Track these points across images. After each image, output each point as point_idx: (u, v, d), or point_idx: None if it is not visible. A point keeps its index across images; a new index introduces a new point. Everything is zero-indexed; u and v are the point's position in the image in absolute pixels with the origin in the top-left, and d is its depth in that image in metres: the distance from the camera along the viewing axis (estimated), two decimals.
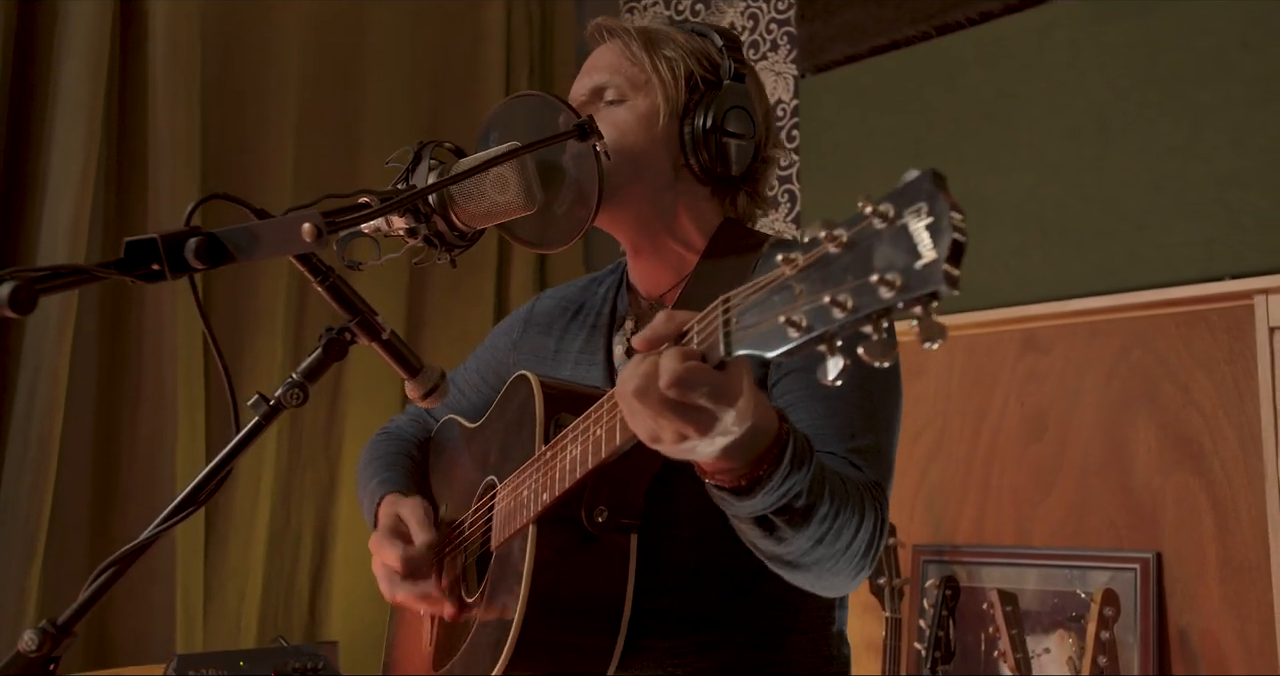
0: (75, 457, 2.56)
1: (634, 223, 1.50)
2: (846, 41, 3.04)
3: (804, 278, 0.84)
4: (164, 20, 2.69)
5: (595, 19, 1.55)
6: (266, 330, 2.84)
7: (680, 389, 0.94)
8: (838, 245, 0.82)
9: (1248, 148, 2.36)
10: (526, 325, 1.68)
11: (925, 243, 0.76)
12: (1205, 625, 2.31)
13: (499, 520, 1.38)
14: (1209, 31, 2.43)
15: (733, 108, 1.46)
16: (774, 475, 1.07)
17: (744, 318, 0.90)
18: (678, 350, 0.96)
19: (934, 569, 2.63)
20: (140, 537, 1.08)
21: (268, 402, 1.11)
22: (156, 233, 0.99)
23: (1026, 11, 2.73)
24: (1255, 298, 2.29)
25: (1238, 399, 2.32)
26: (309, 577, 2.93)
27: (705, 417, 0.97)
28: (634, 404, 0.98)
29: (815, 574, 1.22)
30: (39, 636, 1.06)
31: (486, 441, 1.53)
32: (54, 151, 2.53)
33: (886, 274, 0.78)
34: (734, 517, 1.16)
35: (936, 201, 0.76)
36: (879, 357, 0.80)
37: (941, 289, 0.75)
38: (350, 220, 1.09)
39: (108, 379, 2.66)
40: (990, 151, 2.75)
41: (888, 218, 0.79)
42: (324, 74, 3.11)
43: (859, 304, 0.80)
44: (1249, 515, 2.28)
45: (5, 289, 0.90)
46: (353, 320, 1.14)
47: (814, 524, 1.13)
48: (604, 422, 1.14)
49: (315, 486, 2.95)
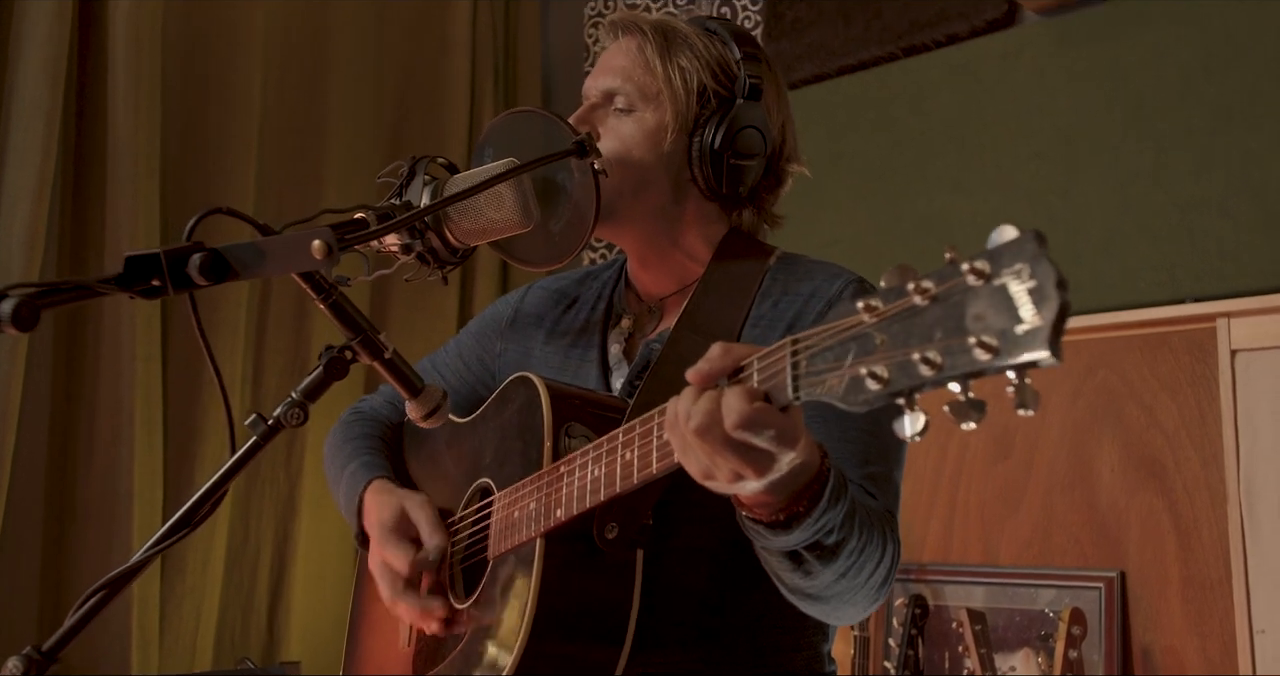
0: (28, 474, 2.49)
1: (638, 235, 1.48)
2: (814, 61, 3.05)
3: (886, 328, 0.81)
4: (125, 26, 2.63)
5: (614, 13, 1.52)
6: (228, 345, 2.78)
7: (747, 431, 0.93)
8: (925, 298, 0.79)
9: (1210, 174, 2.41)
10: (518, 314, 1.63)
11: (1027, 307, 0.73)
12: (1168, 643, 2.34)
13: (498, 529, 1.35)
14: (1173, 59, 2.48)
15: (745, 128, 1.43)
16: (813, 511, 1.06)
17: (815, 362, 0.88)
18: (743, 389, 0.93)
19: (900, 587, 2.64)
20: (132, 560, 1.06)
21: (266, 422, 1.08)
22: (160, 248, 0.96)
23: (994, 34, 2.77)
24: (1218, 321, 2.33)
25: (1200, 420, 2.36)
26: (267, 596, 2.87)
27: (765, 459, 0.96)
28: (693, 440, 0.96)
29: (833, 606, 1.21)
30: (24, 663, 1.03)
31: (479, 441, 1.48)
32: (9, 157, 2.47)
33: (983, 336, 0.75)
34: (761, 549, 1.15)
35: (1040, 265, 0.73)
36: (965, 419, 0.78)
37: (1046, 358, 0.72)
38: (359, 237, 1.06)
39: (63, 393, 2.60)
40: (956, 172, 2.78)
41: (984, 275, 0.75)
42: (287, 82, 3.07)
43: (951, 363, 0.77)
44: (1210, 534, 2.32)
45: (7, 305, 0.87)
46: (355, 338, 1.11)
47: (841, 558, 1.13)
48: (635, 446, 1.12)
49: (274, 503, 2.90)
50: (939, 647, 2.55)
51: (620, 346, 1.50)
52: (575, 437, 1.29)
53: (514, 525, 1.31)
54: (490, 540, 1.37)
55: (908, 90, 2.89)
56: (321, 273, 1.07)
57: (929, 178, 2.81)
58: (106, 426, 2.57)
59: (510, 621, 1.26)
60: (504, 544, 1.33)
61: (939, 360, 0.77)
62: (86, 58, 2.67)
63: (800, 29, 3.10)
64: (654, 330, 1.49)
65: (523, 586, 1.26)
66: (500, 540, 1.34)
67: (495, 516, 1.37)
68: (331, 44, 3.16)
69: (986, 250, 0.76)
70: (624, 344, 1.50)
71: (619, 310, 1.54)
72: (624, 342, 1.50)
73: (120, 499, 2.54)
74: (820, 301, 1.39)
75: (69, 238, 2.62)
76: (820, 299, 1.39)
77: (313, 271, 1.07)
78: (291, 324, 2.98)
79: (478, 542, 1.41)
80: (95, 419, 2.58)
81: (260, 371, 2.91)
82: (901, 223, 2.84)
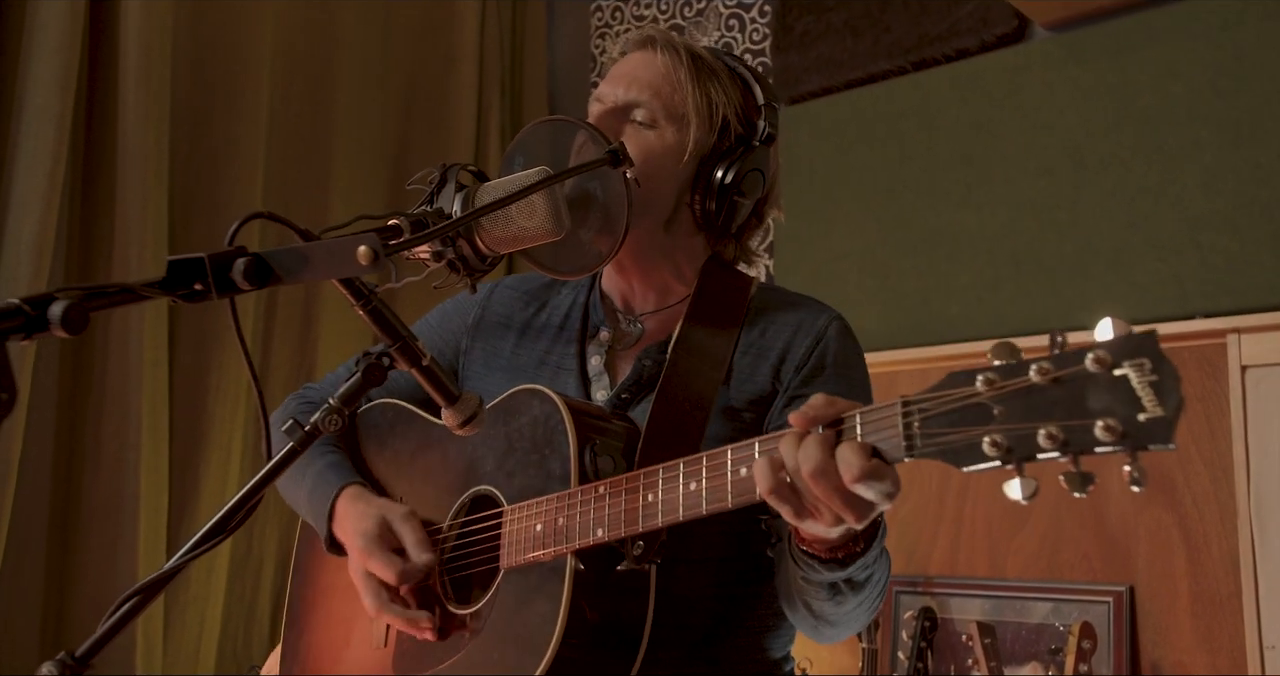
0: (34, 478, 2.48)
1: (629, 247, 1.48)
2: (822, 74, 3.06)
3: (1003, 401, 0.90)
4: (135, 34, 2.63)
5: (646, 28, 1.55)
6: (235, 351, 2.77)
7: (865, 484, 0.98)
8: (1045, 378, 0.87)
9: (1219, 190, 2.42)
10: (485, 313, 1.62)
11: (1149, 398, 0.82)
12: (1177, 658, 2.34)
13: (516, 540, 1.35)
14: (1181, 76, 2.50)
15: (753, 170, 1.47)
16: (868, 552, 1.13)
17: (930, 424, 0.95)
18: (859, 445, 0.99)
19: (908, 600, 2.64)
20: (166, 566, 1.04)
21: (303, 428, 1.08)
22: (204, 252, 0.96)
23: (1003, 50, 2.79)
24: (1228, 336, 2.34)
25: (1210, 436, 2.36)
26: (270, 604, 2.86)
27: (866, 509, 1.01)
28: (808, 485, 1.00)
29: (840, 629, 1.31)
30: (58, 668, 1.02)
31: (475, 449, 1.45)
32: (20, 163, 2.46)
33: (1106, 419, 0.84)
34: (802, 580, 1.21)
35: (1163, 363, 0.83)
36: (1077, 489, 0.86)
37: (1167, 445, 0.82)
38: (403, 244, 1.06)
39: (69, 397, 2.59)
40: (965, 187, 2.78)
41: (1105, 364, 0.84)
42: (295, 90, 3.07)
43: (1071, 440, 0.86)
44: (1220, 549, 2.32)
45: (56, 308, 0.87)
46: (394, 345, 1.11)
47: (866, 589, 1.22)
48: (703, 478, 1.15)
49: (278, 513, 2.89)
50: (948, 660, 2.55)
51: (600, 358, 1.51)
52: (601, 456, 1.30)
53: (537, 538, 1.32)
54: (503, 550, 1.37)
55: (916, 105, 2.89)
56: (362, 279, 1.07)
57: (937, 192, 2.82)
58: (112, 431, 2.56)
59: (537, 633, 1.27)
60: (522, 556, 1.33)
61: (1061, 436, 0.86)
62: (97, 65, 2.66)
63: (809, 42, 3.11)
64: (637, 345, 1.51)
65: (551, 599, 1.27)
66: (517, 552, 1.34)
67: (509, 527, 1.37)
68: (338, 53, 3.16)
69: (1105, 342, 0.85)
70: (604, 356, 1.51)
71: (596, 322, 1.55)
72: (604, 355, 1.51)
73: (126, 503, 2.52)
74: (808, 336, 1.45)
75: (78, 243, 2.62)
76: (807, 333, 1.45)
77: (353, 278, 1.06)
78: (298, 331, 2.98)
79: (478, 551, 1.41)
80: (101, 424, 2.57)
81: (266, 378, 2.91)
82: (910, 237, 2.85)
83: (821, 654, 2.74)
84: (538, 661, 1.24)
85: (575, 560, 1.27)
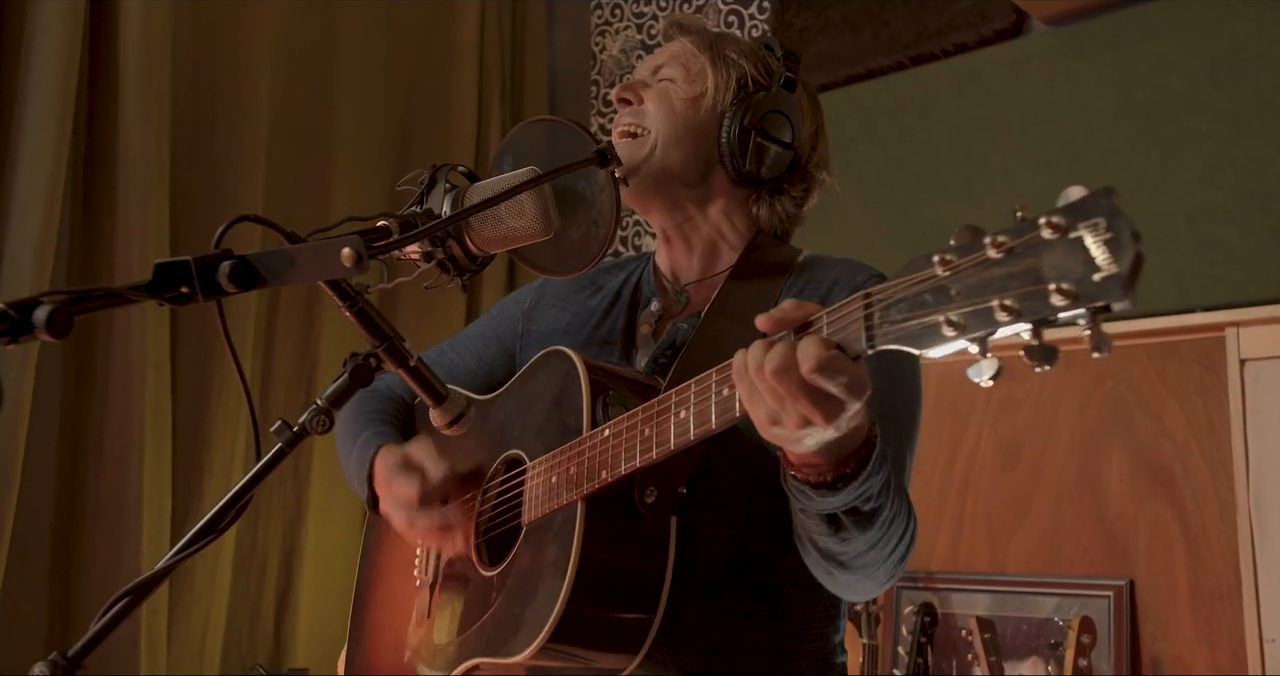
0: (38, 479, 2.50)
1: (667, 207, 1.53)
2: (822, 70, 3.06)
3: (960, 280, 0.86)
4: (135, 34, 2.64)
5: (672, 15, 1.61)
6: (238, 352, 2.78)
7: (823, 375, 0.96)
8: (1000, 251, 0.83)
9: (1218, 183, 2.42)
10: (541, 296, 1.67)
11: (1104, 256, 0.78)
12: (1177, 652, 2.34)
13: (535, 495, 1.36)
14: (1180, 69, 2.49)
15: (773, 111, 1.49)
16: (860, 474, 1.10)
17: (889, 313, 0.92)
18: (819, 338, 0.97)
19: (908, 595, 2.64)
20: (157, 566, 1.05)
21: (291, 429, 1.08)
22: (189, 255, 0.97)
23: (1001, 44, 2.78)
24: (1226, 330, 2.34)
25: (1209, 429, 2.36)
26: (275, 603, 2.87)
27: (834, 406, 0.99)
28: (769, 382, 0.99)
29: (858, 577, 1.26)
30: (50, 669, 1.03)
31: (505, 415, 1.50)
32: (21, 164, 2.48)
33: (1061, 283, 0.79)
34: (801, 513, 1.19)
35: (1117, 218, 0.78)
36: (1040, 362, 0.82)
37: (1123, 303, 0.77)
38: (387, 245, 1.07)
39: (73, 399, 2.60)
40: (964, 181, 2.78)
41: (1059, 229, 0.80)
42: (295, 90, 3.08)
43: (1029, 310, 0.81)
44: (1220, 543, 2.32)
45: (41, 313, 0.88)
46: (380, 346, 1.12)
47: (875, 527, 1.17)
48: (691, 404, 1.15)
49: (282, 510, 2.90)
50: (948, 655, 2.55)
51: (650, 327, 1.53)
52: (614, 406, 1.31)
53: (552, 490, 1.33)
54: (525, 507, 1.38)
55: (916, 99, 2.89)
56: (348, 280, 1.08)
57: (937, 186, 2.82)
58: (116, 433, 2.57)
59: (550, 582, 1.27)
60: (541, 509, 1.34)
61: (1016, 306, 0.82)
62: (97, 66, 2.68)
63: (808, 38, 3.11)
64: (682, 313, 1.53)
65: (563, 547, 1.27)
66: (536, 506, 1.35)
67: (530, 483, 1.38)
68: (339, 53, 3.17)
69: (1061, 206, 0.81)
70: (653, 325, 1.53)
71: (648, 294, 1.58)
72: (653, 324, 1.53)
73: (129, 505, 2.54)
74: (844, 289, 1.44)
75: (79, 243, 2.63)
76: (843, 287, 1.45)
77: (339, 279, 1.07)
78: (300, 332, 2.99)
79: (506, 511, 1.42)
80: (105, 426, 2.59)
81: (269, 379, 2.92)
82: (910, 230, 2.85)
83: None
84: (549, 611, 1.24)
85: (584, 507, 1.27)
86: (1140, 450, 2.44)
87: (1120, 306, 0.78)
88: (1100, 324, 0.80)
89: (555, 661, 1.30)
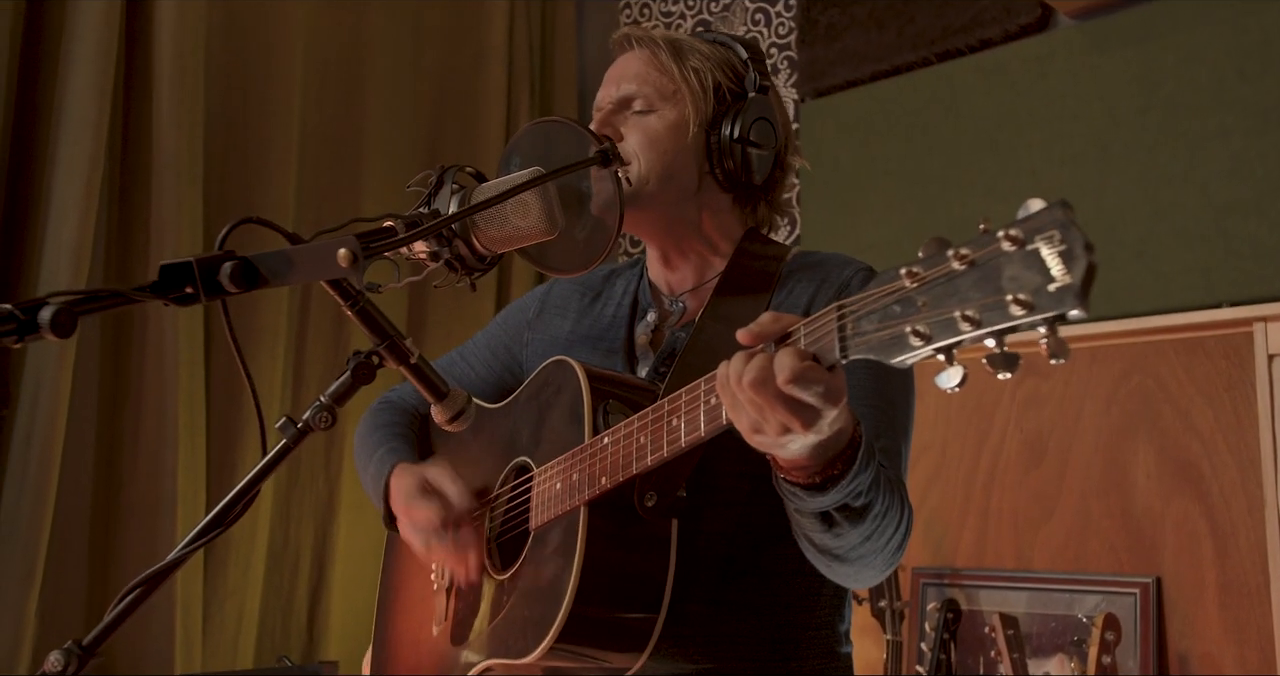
0: (76, 477, 2.56)
1: (661, 227, 1.54)
2: (847, 66, 3.06)
3: (927, 291, 0.90)
4: (169, 42, 2.70)
5: (621, 29, 1.59)
6: (268, 350, 2.84)
7: (799, 385, 1.00)
8: (963, 263, 0.87)
9: (1245, 177, 2.39)
10: (544, 306, 1.70)
11: (1058, 267, 0.81)
12: (1205, 650, 2.32)
13: (540, 501, 1.40)
14: (1206, 62, 2.47)
15: (758, 119, 1.50)
16: (847, 474, 1.14)
17: (861, 324, 0.96)
18: (794, 350, 1.02)
19: (934, 592, 2.64)
20: (167, 558, 1.09)
21: (295, 425, 1.11)
22: (192, 256, 1.00)
23: (1027, 39, 2.77)
24: (1254, 325, 2.31)
25: (1236, 425, 2.34)
26: (307, 597, 2.92)
27: (811, 414, 1.03)
28: (748, 394, 1.04)
29: (856, 568, 1.29)
30: (65, 657, 1.06)
31: (513, 423, 1.54)
32: (58, 170, 2.54)
33: (1019, 293, 0.83)
34: (795, 511, 1.22)
35: (1069, 230, 0.81)
36: (1001, 370, 0.86)
37: (1076, 311, 0.80)
38: (384, 245, 1.09)
39: (109, 398, 2.66)
40: (989, 177, 2.77)
41: (1018, 241, 0.83)
42: (326, 95, 3.13)
43: (988, 319, 0.85)
44: (1248, 540, 2.30)
45: (46, 313, 0.91)
46: (381, 344, 1.14)
47: (868, 521, 1.21)
48: (682, 413, 1.19)
49: (314, 506, 2.95)
50: (973, 652, 2.54)
51: (647, 337, 1.55)
52: (614, 414, 1.35)
53: (557, 496, 1.37)
54: (531, 513, 1.42)
55: (941, 95, 2.89)
56: (349, 280, 1.10)
57: (962, 182, 2.81)
58: (151, 430, 2.63)
59: (556, 585, 1.31)
60: (546, 515, 1.38)
61: (977, 316, 0.86)
62: (132, 73, 2.74)
63: (834, 35, 3.11)
64: (678, 323, 1.55)
65: (567, 551, 1.31)
66: (542, 512, 1.39)
67: (536, 490, 1.42)
68: (369, 56, 3.21)
69: (1020, 219, 0.84)
70: (650, 336, 1.55)
71: (644, 306, 1.59)
72: (650, 334, 1.56)
73: (164, 500, 2.60)
74: (832, 287, 1.47)
75: (115, 246, 2.69)
76: (832, 284, 1.47)
77: (340, 279, 1.10)
78: (331, 331, 3.03)
79: (515, 517, 1.46)
80: (140, 423, 2.65)
81: (300, 378, 2.97)
82: (935, 227, 2.84)
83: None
84: (555, 612, 1.28)
85: (587, 512, 1.31)
86: (1167, 446, 2.42)
87: (1075, 315, 0.81)
88: (1057, 331, 0.83)
89: (565, 661, 1.34)
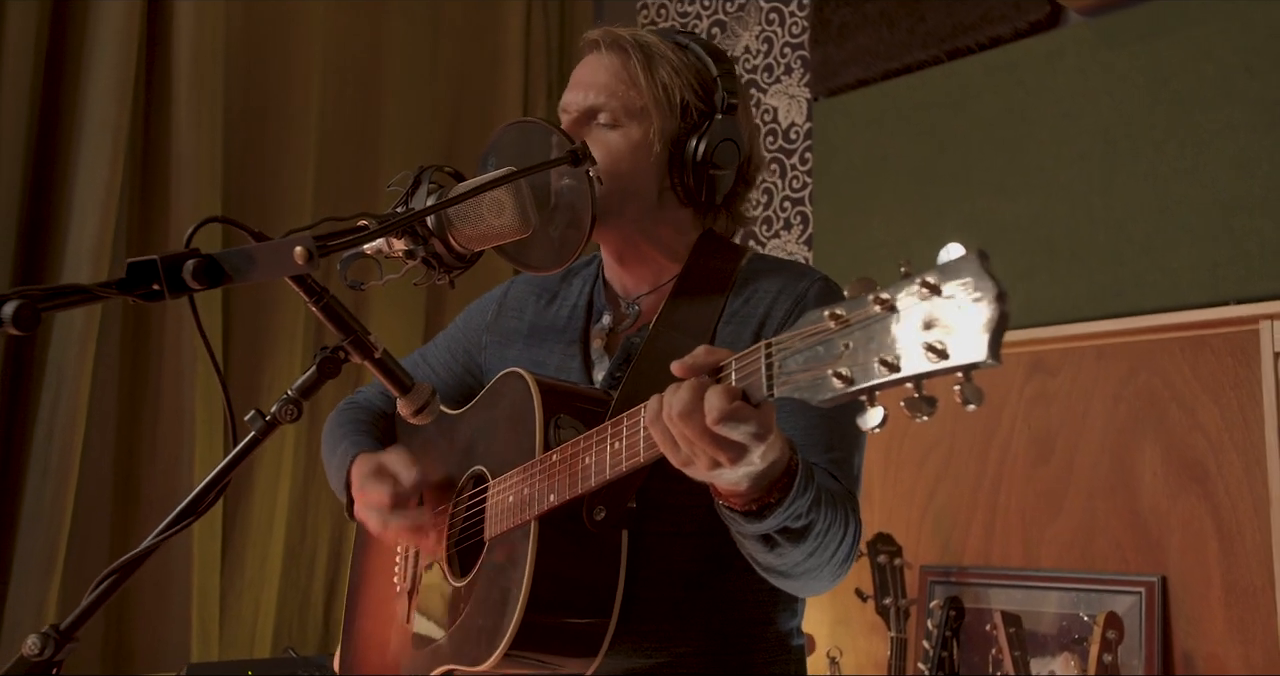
0: (96, 471, 2.62)
1: (618, 237, 1.55)
2: (859, 65, 3.07)
3: (849, 334, 0.92)
4: (188, 43, 2.76)
5: (593, 29, 1.58)
6: (286, 349, 2.89)
7: (726, 425, 1.03)
8: (884, 308, 0.89)
9: (1253, 173, 2.37)
10: (501, 308, 1.71)
11: (971, 316, 0.83)
12: (1210, 649, 2.30)
13: (495, 512, 1.43)
14: (1214, 58, 2.45)
15: (723, 140, 1.50)
16: (784, 501, 1.16)
17: (787, 363, 0.98)
18: (724, 388, 1.04)
19: (940, 590, 2.64)
20: (140, 546, 1.12)
21: (264, 418, 1.15)
22: (156, 254, 1.03)
23: (1036, 37, 2.76)
24: (1261, 323, 2.29)
25: (1243, 423, 2.32)
26: (323, 591, 2.97)
27: (738, 450, 1.07)
28: (678, 427, 1.06)
29: (803, 582, 1.32)
30: (42, 641, 1.10)
31: (472, 431, 1.57)
32: (80, 172, 2.60)
33: (934, 341, 0.85)
34: (737, 534, 1.25)
35: (983, 280, 0.82)
36: (918, 413, 0.88)
37: (986, 362, 0.82)
38: (342, 243, 1.12)
39: (128, 394, 2.72)
40: (999, 174, 2.77)
41: (935, 288, 0.85)
42: (344, 95, 3.18)
43: (906, 366, 0.87)
44: (1254, 539, 2.28)
45: (9, 308, 0.94)
46: (346, 339, 1.18)
47: (809, 540, 1.23)
48: (624, 437, 1.21)
49: (331, 500, 3.00)
50: (977, 650, 2.54)
51: (602, 342, 1.57)
52: (564, 428, 1.38)
53: (509, 509, 1.40)
54: (486, 523, 1.45)
55: (951, 93, 2.88)
56: (312, 276, 1.13)
57: (973, 180, 2.81)
58: (169, 427, 2.69)
59: (508, 595, 1.35)
60: (500, 526, 1.42)
61: (895, 362, 0.88)
62: (152, 76, 2.80)
63: (845, 34, 3.12)
64: (633, 327, 1.56)
65: (519, 563, 1.35)
66: (496, 523, 1.43)
67: (490, 501, 1.45)
68: (386, 57, 3.26)
69: (937, 267, 0.87)
70: (605, 339, 1.57)
71: (599, 308, 1.61)
72: (605, 338, 1.57)
73: (183, 495, 2.57)
74: (788, 299, 1.47)
75: (135, 247, 2.75)
76: (788, 296, 1.47)
77: (304, 275, 1.13)
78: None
79: (473, 525, 1.49)
80: (159, 418, 2.71)
81: None
82: (946, 225, 2.84)
83: (851, 642, 2.76)
84: (508, 622, 1.32)
85: (538, 526, 1.34)
86: (1173, 444, 2.41)
87: (987, 363, 0.82)
88: (971, 379, 0.84)
89: (520, 668, 1.38)
